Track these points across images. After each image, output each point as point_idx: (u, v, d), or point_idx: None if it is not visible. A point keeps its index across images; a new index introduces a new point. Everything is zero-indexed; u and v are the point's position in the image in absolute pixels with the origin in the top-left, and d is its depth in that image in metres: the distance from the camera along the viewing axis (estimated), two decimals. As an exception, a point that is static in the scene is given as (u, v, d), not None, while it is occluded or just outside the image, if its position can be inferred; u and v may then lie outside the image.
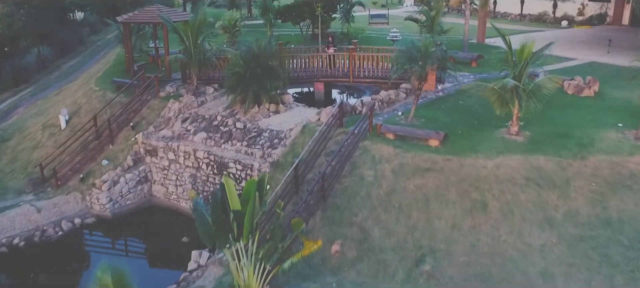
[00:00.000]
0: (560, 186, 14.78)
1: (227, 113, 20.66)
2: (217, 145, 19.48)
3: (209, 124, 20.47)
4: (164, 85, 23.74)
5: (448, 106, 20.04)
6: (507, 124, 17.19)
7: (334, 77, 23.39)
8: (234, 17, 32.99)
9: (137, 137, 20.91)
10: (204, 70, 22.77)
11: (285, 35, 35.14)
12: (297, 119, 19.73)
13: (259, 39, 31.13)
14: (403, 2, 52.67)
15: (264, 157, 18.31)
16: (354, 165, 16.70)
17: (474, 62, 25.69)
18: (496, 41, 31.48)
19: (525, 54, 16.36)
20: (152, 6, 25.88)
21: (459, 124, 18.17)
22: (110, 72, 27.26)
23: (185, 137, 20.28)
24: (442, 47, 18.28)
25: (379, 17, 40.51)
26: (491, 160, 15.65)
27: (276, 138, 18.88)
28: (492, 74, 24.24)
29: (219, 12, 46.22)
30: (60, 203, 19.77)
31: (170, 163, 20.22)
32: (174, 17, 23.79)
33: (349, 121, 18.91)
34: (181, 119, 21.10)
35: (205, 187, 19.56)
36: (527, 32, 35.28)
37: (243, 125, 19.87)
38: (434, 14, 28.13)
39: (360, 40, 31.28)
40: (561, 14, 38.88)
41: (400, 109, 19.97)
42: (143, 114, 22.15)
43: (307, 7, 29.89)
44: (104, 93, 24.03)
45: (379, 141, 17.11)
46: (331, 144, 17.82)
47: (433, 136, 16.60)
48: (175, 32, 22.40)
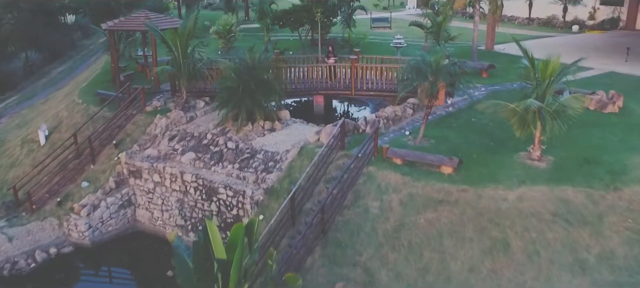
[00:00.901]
0: (592, 223, 12.90)
1: (218, 131, 18.78)
2: (207, 167, 17.60)
3: (198, 143, 18.59)
4: (152, 97, 21.87)
5: (460, 124, 18.15)
6: (528, 147, 15.33)
7: (335, 90, 21.49)
8: (229, 22, 31.11)
9: (120, 157, 19.03)
10: (195, 82, 20.87)
11: (283, 41, 33.26)
12: (295, 138, 17.85)
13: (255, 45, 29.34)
14: (405, 5, 50.76)
15: (258, 182, 16.43)
16: (357, 194, 14.83)
17: (485, 72, 23.80)
18: (506, 48, 29.68)
19: (549, 70, 14.46)
20: (139, 13, 23.98)
21: (474, 146, 16.28)
22: (96, 82, 25.37)
23: (172, 157, 18.39)
24: (454, 62, 16.34)
25: (381, 21, 38.63)
26: (512, 191, 13.76)
27: (271, 160, 17.00)
28: (504, 85, 22.43)
29: (215, 15, 44.32)
30: (34, 231, 17.91)
31: (156, 186, 18.35)
32: (162, 24, 21.88)
33: (352, 142, 17.04)
34: (168, 136, 19.22)
35: (193, 213, 17.69)
36: (536, 38, 33.51)
37: (235, 145, 17.99)
38: (441, 19, 26.21)
39: (363, 47, 29.44)
40: (571, 18, 36.96)
41: (407, 127, 18.08)
42: (128, 131, 20.26)
43: (306, 12, 27.98)
44: (87, 106, 22.15)
45: (385, 167, 15.23)
46: (332, 168, 15.95)
47: (446, 162, 14.72)
48: (162, 42, 20.49)
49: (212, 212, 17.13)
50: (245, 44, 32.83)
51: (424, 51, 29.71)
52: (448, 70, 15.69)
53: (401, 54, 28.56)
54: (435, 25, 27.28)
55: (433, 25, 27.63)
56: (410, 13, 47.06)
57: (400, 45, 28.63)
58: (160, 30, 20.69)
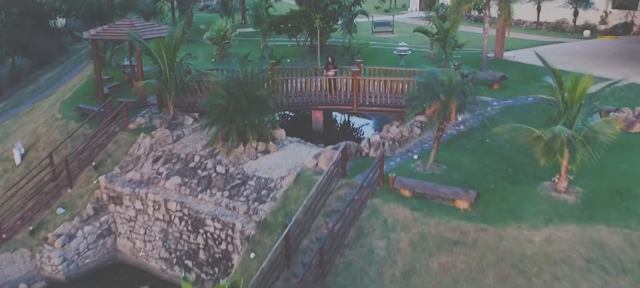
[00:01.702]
0: (632, 270, 11.09)
1: (207, 152, 16.93)
2: (193, 194, 15.77)
3: (185, 166, 16.75)
4: (138, 112, 20.05)
5: (473, 146, 16.32)
6: (552, 177, 13.51)
7: (335, 105, 19.63)
8: (223, 27, 29.23)
9: (99, 181, 17.19)
10: (183, 96, 19.00)
11: (280, 47, 31.38)
12: (291, 161, 16.02)
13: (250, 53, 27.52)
14: (408, 7, 48.87)
15: (249, 214, 14.60)
16: (360, 231, 13.00)
17: (497, 84, 21.93)
18: (516, 55, 27.84)
19: (580, 91, 12.62)
20: (125, 20, 22.11)
21: (490, 174, 14.45)
22: (79, 94, 23.50)
23: (155, 181, 16.56)
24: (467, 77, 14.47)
25: (383, 25, 36.74)
26: (538, 231, 11.94)
27: (264, 188, 15.17)
28: (518, 99, 20.61)
29: (211, 18, 42.46)
30: (4, 264, 16.10)
31: (138, 213, 16.53)
32: (148, 33, 20.01)
33: (354, 167, 15.22)
34: (152, 158, 17.38)
35: (178, 246, 15.87)
36: (546, 43, 31.67)
37: (225, 169, 16.16)
38: (449, 26, 24.34)
39: (364, 55, 27.61)
40: (582, 22, 35.09)
41: (415, 149, 16.26)
42: (109, 151, 18.41)
43: (304, 18, 26.11)
44: (66, 122, 20.29)
45: (392, 199, 13.39)
46: (332, 199, 14.12)
47: (461, 196, 12.88)
48: (147, 54, 18.64)
49: (199, 245, 15.32)
50: (240, 50, 31.02)
51: (429, 58, 28.31)
52: (462, 90, 13.84)
53: (405, 62, 26.76)
54: (441, 33, 25.44)
55: (439, 32, 25.79)
56: (412, 16, 45.18)
57: (405, 53, 26.78)
58: (144, 41, 18.84)
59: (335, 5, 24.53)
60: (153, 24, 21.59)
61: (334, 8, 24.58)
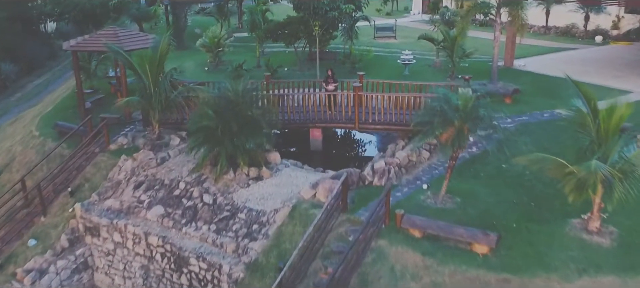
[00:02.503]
0: (685, 335, 9.35)
1: (193, 179, 15.17)
2: (177, 227, 14.01)
3: (169, 194, 15.00)
4: (121, 130, 18.32)
5: (489, 172, 14.53)
6: (583, 215, 11.78)
7: (335, 122, 17.87)
8: (218, 34, 27.43)
9: (75, 208, 15.44)
10: (169, 113, 17.24)
11: (278, 53, 29.62)
12: (286, 190, 14.25)
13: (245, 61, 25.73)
14: (410, 10, 47.04)
15: (238, 253, 12.86)
16: (364, 279, 11.26)
17: (509, 98, 20.13)
18: (527, 64, 26.01)
19: (615, 121, 10.86)
20: (108, 29, 20.30)
21: (510, 208, 12.68)
22: (62, 107, 21.78)
23: (136, 211, 14.80)
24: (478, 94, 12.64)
25: (385, 30, 34.89)
26: (571, 283, 10.20)
27: (256, 222, 13.41)
28: (533, 115, 18.80)
29: (207, 21, 40.59)
30: (-34, 304, 14.36)
31: (117, 247, 14.78)
32: (131, 43, 18.24)
33: (356, 198, 13.47)
34: (134, 183, 15.62)
35: (159, 285, 14.12)
36: (557, 50, 29.85)
37: (212, 198, 14.41)
38: (456, 34, 22.54)
39: (366, 63, 25.82)
40: (593, 27, 33.25)
41: (424, 177, 14.48)
42: (87, 174, 16.65)
43: (302, 25, 24.30)
44: (43, 141, 18.55)
45: (400, 240, 11.63)
46: (332, 238, 12.37)
47: (480, 239, 11.12)
48: (129, 68, 16.89)
49: (183, 286, 13.56)
50: (236, 58, 29.22)
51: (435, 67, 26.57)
52: (479, 116, 12.05)
53: (410, 71, 25.00)
54: (448, 40, 23.63)
55: (446, 40, 23.99)
56: (415, 19, 43.34)
57: (409, 62, 25.00)
58: (127, 52, 17.07)
59: (335, 12, 22.73)
60: (138, 34, 19.82)
61: (334, 15, 22.78)
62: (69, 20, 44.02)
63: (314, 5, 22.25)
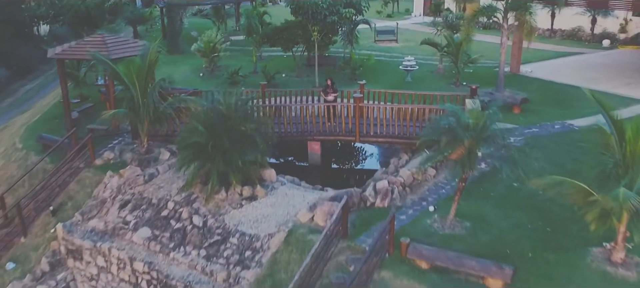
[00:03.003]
0: None
1: (183, 198, 14.09)
2: (164, 252, 12.95)
3: (156, 214, 13.93)
4: (108, 142, 17.28)
5: (499, 192, 13.45)
6: (605, 243, 10.73)
7: (335, 135, 16.79)
8: (213, 38, 26.34)
9: (57, 229, 14.38)
10: (159, 126, 16.19)
11: (276, 58, 28.57)
12: (281, 211, 13.18)
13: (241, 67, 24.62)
14: (411, 12, 45.94)
15: (229, 282, 11.80)
16: (366, 316, 10.19)
17: (517, 108, 19.06)
18: (534, 70, 24.97)
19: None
20: (95, 35, 19.22)
21: (525, 235, 11.61)
22: (49, 116, 20.73)
23: (121, 233, 13.73)
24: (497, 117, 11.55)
25: (386, 33, 33.81)
26: (596, 325, 9.14)
27: (249, 248, 12.35)
28: (543, 126, 17.75)
29: (204, 24, 39.48)
30: (-61, 333, 13.31)
31: (100, 271, 13.71)
32: (119, 51, 17.18)
33: (357, 221, 12.41)
34: (120, 202, 14.56)
35: (146, 314, 13.05)
36: (564, 55, 28.79)
37: (203, 220, 13.34)
38: (461, 39, 21.46)
39: (367, 69, 24.76)
40: (600, 30, 32.18)
41: (430, 197, 13.41)
42: (70, 192, 15.59)
43: (300, 30, 23.23)
44: (26, 154, 17.50)
45: (405, 272, 10.57)
46: (331, 268, 11.29)
47: (494, 272, 10.05)
48: (115, 78, 15.84)
49: (170, 317, 12.49)
50: (232, 63, 28.16)
51: (438, 73, 25.49)
52: (492, 135, 10.98)
53: (412, 78, 23.95)
54: (452, 46, 22.59)
55: (450, 45, 22.95)
56: (416, 21, 42.26)
57: (412, 68, 23.94)
58: (114, 61, 16.03)
59: (334, 17, 21.64)
60: (126, 40, 18.73)
61: (334, 19, 21.70)
62: (63, 22, 42.97)
63: (313, 10, 21.16)
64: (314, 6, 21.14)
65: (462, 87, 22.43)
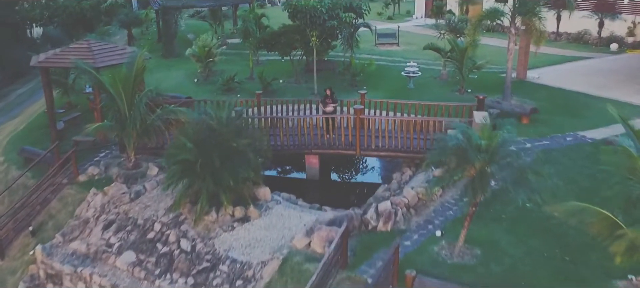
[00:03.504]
0: None
1: (170, 219, 13.06)
2: (149, 279, 11.93)
3: (142, 236, 12.90)
4: (94, 155, 16.24)
5: (511, 214, 12.41)
6: (630, 276, 9.71)
7: (334, 148, 15.77)
8: (208, 43, 25.29)
9: (36, 252, 13.34)
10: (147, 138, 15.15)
11: (273, 63, 27.49)
12: (276, 235, 12.16)
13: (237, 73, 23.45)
14: (412, 14, 44.84)
15: (218, 316, 10.77)
16: None
17: (526, 118, 18.00)
18: (541, 76, 23.91)
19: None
20: (82, 41, 18.17)
21: (541, 264, 10.59)
22: (34, 126, 19.73)
23: (104, 257, 12.71)
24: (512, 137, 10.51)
25: (387, 36, 32.75)
26: None
27: (240, 277, 11.32)
28: (554, 138, 16.73)
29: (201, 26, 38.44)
30: None
31: (81, 299, 12.68)
32: (106, 58, 16.15)
33: (357, 247, 11.38)
34: (103, 222, 13.52)
35: (129, 347, 12.02)
36: (571, 59, 27.74)
37: (191, 244, 12.31)
38: (467, 45, 20.39)
39: (368, 75, 23.72)
40: (607, 33, 31.11)
41: (437, 219, 12.37)
42: (52, 210, 14.55)
43: (298, 35, 22.17)
44: (7, 168, 16.47)
45: (410, 309, 9.55)
46: (329, 301, 10.27)
47: (510, 312, 9.03)
48: (99, 88, 14.81)
49: (155, 351, 11.49)
50: (228, 67, 27.10)
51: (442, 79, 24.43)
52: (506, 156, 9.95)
53: (414, 84, 22.90)
54: (457, 51, 21.53)
55: (454, 50, 21.89)
56: (417, 23, 41.19)
57: (414, 74, 22.89)
58: (100, 69, 15.01)
59: (334, 21, 20.59)
60: (114, 47, 17.64)
61: (333, 24, 20.64)
62: (57, 24, 41.94)
63: (311, 14, 20.10)
64: (312, 10, 20.08)
65: (467, 95, 21.41)
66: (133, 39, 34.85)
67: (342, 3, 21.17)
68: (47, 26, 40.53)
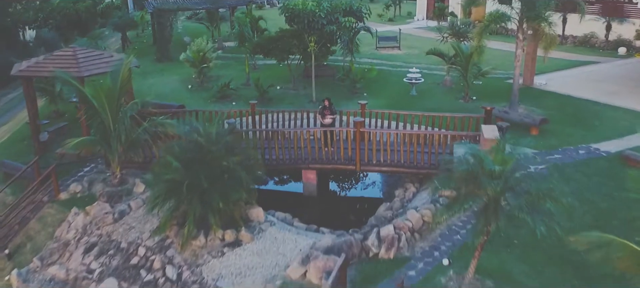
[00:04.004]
0: None
1: (155, 243, 12.05)
2: (132, 311, 10.93)
3: (125, 261, 11.89)
4: (78, 170, 15.24)
5: (523, 239, 11.36)
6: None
7: (333, 163, 14.74)
8: (203, 47, 24.27)
9: (11, 278, 12.34)
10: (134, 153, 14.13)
11: (270, 67, 26.46)
12: (270, 262, 11.16)
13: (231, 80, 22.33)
14: (414, 15, 43.77)
15: None
16: None
17: (536, 129, 16.99)
18: (548, 82, 22.89)
19: None
20: (67, 49, 17.15)
21: (560, 299, 9.61)
22: (18, 136, 18.70)
23: (84, 285, 11.70)
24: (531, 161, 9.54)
25: (388, 40, 31.71)
26: None
27: (229, 310, 10.32)
28: (566, 151, 15.73)
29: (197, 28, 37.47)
30: None
31: (59, 330, 11.68)
32: (92, 67, 15.18)
33: (357, 278, 10.39)
34: (85, 245, 12.51)
35: None
36: (578, 64, 26.70)
37: (177, 271, 11.30)
38: (472, 51, 19.34)
39: (368, 82, 22.72)
40: (614, 36, 30.06)
41: (444, 245, 11.35)
42: (30, 231, 13.52)
43: (296, 40, 21.16)
44: (-14, 183, 15.43)
45: None
46: (325, 342, 9.27)
47: None
48: (82, 101, 13.81)
49: None
50: (224, 72, 26.14)
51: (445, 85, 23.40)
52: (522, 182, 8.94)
53: (417, 91, 21.90)
54: (461, 57, 20.50)
55: (458, 56, 20.86)
56: (419, 26, 40.14)
57: (416, 81, 21.87)
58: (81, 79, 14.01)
59: (333, 26, 19.55)
60: (101, 54, 16.58)
61: (332, 29, 19.61)
62: (52, 27, 40.93)
63: (309, 19, 19.08)
64: (310, 14, 19.06)
65: (472, 103, 20.41)
66: (128, 42, 33.87)
67: (342, 7, 20.12)
68: (42, 28, 39.51)
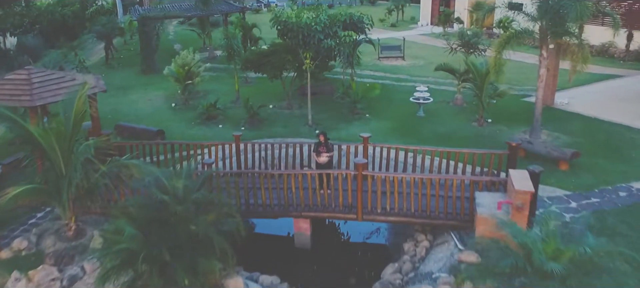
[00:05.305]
0: None
1: (109, 324, 9.59)
2: None
3: (71, 348, 9.45)
4: (28, 218, 12.75)
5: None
6: None
7: (329, 211, 12.23)
8: (188, 61, 21.80)
9: None
10: (93, 199, 11.68)
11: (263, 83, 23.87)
12: None
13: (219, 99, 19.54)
14: (417, 21, 41.23)
15: None
16: None
17: (565, 164, 14.49)
18: (571, 102, 20.37)
19: None
20: (21, 70, 14.46)
21: None
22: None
23: None
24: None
25: (391, 49, 29.22)
26: None
27: None
28: (604, 192, 13.27)
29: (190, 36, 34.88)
30: None
31: None
32: (47, 94, 12.69)
33: None
34: (25, 321, 10.07)
35: None
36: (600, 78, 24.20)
37: None
38: (490, 69, 16.83)
39: (371, 102, 20.24)
40: (635, 46, 27.57)
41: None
42: (-36, 298, 11.10)
43: (289, 55, 18.67)
44: None
45: None
46: None
47: None
48: (25, 141, 11.35)
49: None
50: (213, 87, 23.74)
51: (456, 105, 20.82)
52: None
53: (425, 112, 19.43)
54: (476, 76, 17.97)
55: (472, 73, 18.34)
56: (423, 32, 37.62)
57: (424, 100, 19.38)
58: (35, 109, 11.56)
59: (331, 42, 17.05)
60: (62, 77, 14.02)
61: (330, 44, 17.10)
62: (37, 32, 38.50)
63: (304, 33, 16.60)
64: (305, 28, 16.57)
65: (488, 126, 17.99)
66: (113, 50, 31.34)
67: (341, 19, 17.63)
68: (25, 35, 37.07)
